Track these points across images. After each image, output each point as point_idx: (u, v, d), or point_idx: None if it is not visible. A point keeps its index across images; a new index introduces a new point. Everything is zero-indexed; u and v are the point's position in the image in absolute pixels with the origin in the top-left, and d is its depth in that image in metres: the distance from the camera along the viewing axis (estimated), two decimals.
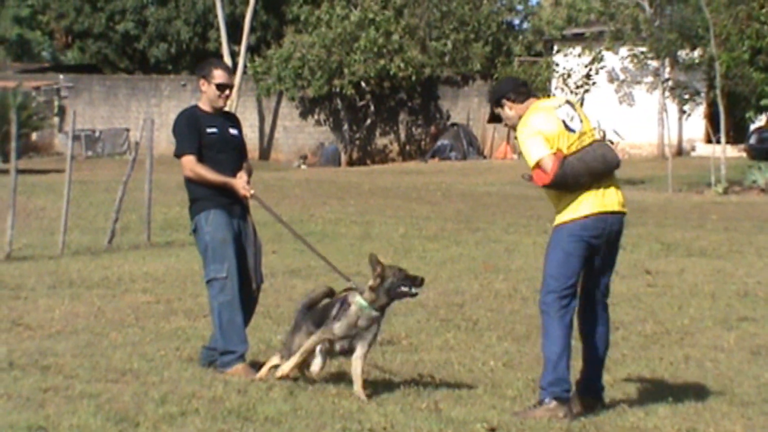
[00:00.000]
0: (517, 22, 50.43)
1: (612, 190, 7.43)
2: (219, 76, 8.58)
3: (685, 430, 7.00)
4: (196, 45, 54.43)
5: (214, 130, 8.55)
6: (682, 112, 36.62)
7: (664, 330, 10.42)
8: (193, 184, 8.56)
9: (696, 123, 38.74)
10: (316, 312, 8.01)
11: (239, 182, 8.47)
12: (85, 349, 9.05)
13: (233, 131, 8.69)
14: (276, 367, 8.04)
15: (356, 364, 7.71)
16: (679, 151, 40.09)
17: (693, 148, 40.90)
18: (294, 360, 7.84)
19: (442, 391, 7.84)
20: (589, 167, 7.26)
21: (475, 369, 8.71)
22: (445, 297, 12.21)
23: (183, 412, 7.07)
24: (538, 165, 7.25)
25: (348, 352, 7.77)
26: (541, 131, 7.31)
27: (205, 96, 8.62)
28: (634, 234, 19.37)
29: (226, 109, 8.82)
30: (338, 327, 7.74)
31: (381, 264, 7.75)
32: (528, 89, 7.66)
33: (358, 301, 7.74)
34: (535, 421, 7.05)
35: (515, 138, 7.90)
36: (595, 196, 7.34)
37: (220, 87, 8.58)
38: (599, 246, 7.40)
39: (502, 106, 7.60)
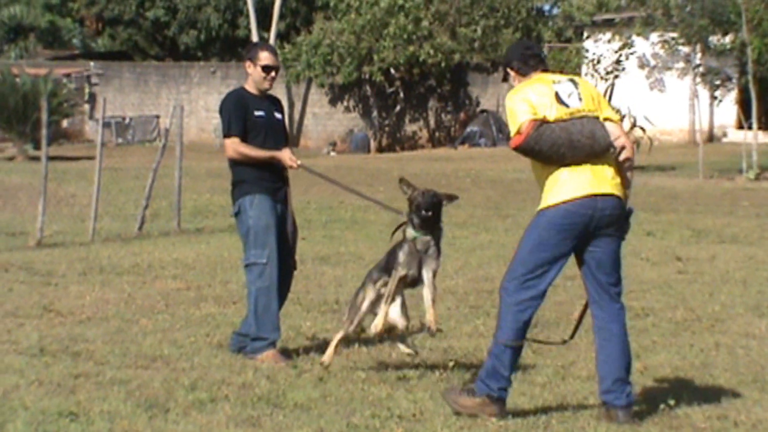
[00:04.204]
0: (547, 7, 50.25)
1: (605, 170, 6.74)
2: (265, 58, 8.61)
3: (715, 417, 6.96)
4: (226, 32, 54.48)
5: (261, 113, 8.57)
6: (713, 98, 36.37)
7: (694, 317, 10.37)
8: (238, 166, 8.57)
9: (727, 109, 38.48)
10: (380, 264, 8.07)
11: (285, 154, 8.50)
12: (116, 336, 9.09)
13: (278, 115, 8.72)
14: (342, 341, 8.06)
15: (426, 295, 7.78)
16: (710, 138, 39.86)
17: (724, 134, 40.66)
18: (383, 310, 7.84)
19: (471, 378, 7.82)
20: (572, 139, 6.62)
21: None
22: (475, 284, 12.19)
23: (213, 398, 7.10)
24: (518, 131, 6.68)
25: (418, 281, 7.83)
26: (528, 99, 6.75)
27: (251, 78, 8.65)
28: (665, 220, 19.31)
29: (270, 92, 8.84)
30: (401, 257, 7.79)
31: (411, 186, 7.84)
32: (538, 61, 7.02)
33: (409, 231, 7.82)
34: (463, 409, 6.75)
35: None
36: (581, 177, 6.69)
37: (266, 69, 8.60)
38: (589, 233, 6.72)
39: (509, 74, 7.07)
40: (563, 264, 6.83)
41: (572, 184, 6.70)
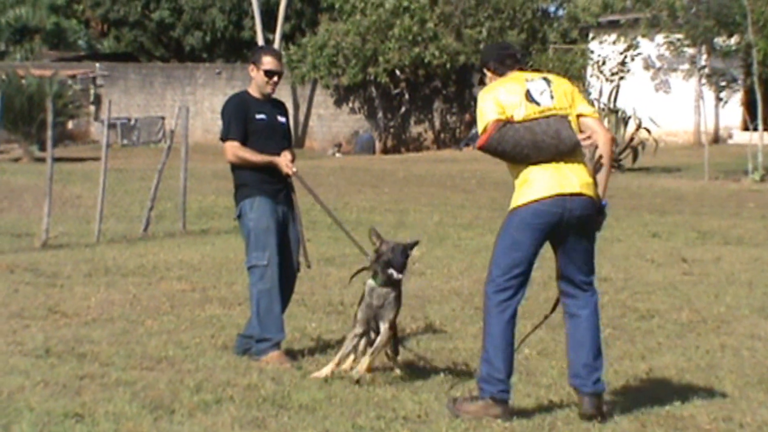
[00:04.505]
0: (552, 9, 50.17)
1: (574, 169, 6.74)
2: (268, 62, 8.61)
3: (721, 419, 6.95)
4: (231, 33, 54.51)
5: (262, 116, 8.58)
6: (718, 99, 36.37)
7: (700, 318, 10.36)
8: (238, 169, 8.60)
9: (733, 110, 38.43)
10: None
11: (283, 160, 8.51)
12: (121, 337, 9.10)
13: (281, 119, 8.72)
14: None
15: (378, 339, 7.76)
16: (716, 139, 39.81)
17: (730, 136, 40.62)
18: (332, 363, 7.86)
19: (474, 386, 7.81)
20: (536, 139, 6.62)
21: None
22: (480, 285, 12.06)
23: (218, 399, 7.10)
24: (484, 130, 6.75)
25: (378, 333, 7.82)
26: (497, 98, 6.78)
27: (254, 82, 8.66)
28: (670, 222, 19.29)
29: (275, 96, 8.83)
30: (359, 314, 7.81)
31: (380, 239, 7.79)
32: (514, 61, 7.01)
33: (368, 282, 7.80)
34: (467, 414, 6.75)
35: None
36: (550, 177, 6.68)
37: (269, 73, 8.60)
38: (560, 233, 6.75)
39: (485, 74, 7.08)
40: (535, 260, 6.84)
41: (541, 183, 6.71)
